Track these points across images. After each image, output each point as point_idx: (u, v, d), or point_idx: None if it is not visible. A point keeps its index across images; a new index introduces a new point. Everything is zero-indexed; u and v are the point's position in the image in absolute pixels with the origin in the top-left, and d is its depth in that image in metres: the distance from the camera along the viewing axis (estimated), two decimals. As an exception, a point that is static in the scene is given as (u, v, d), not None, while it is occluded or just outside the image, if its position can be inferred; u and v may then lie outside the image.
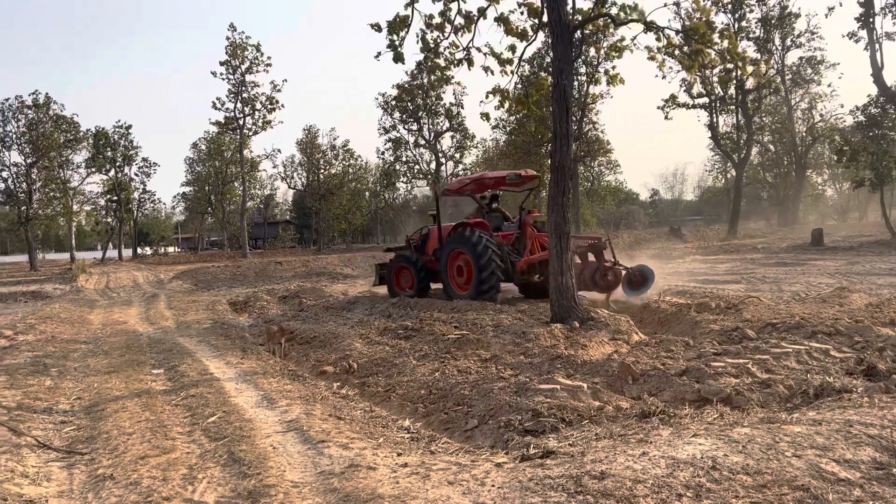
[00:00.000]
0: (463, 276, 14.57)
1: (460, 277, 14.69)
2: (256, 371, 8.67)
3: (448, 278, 15.00)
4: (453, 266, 14.86)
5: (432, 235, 16.40)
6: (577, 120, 43.21)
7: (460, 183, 16.87)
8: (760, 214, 71.10)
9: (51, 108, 48.81)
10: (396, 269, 16.85)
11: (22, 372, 8.80)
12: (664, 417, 5.21)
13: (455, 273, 14.83)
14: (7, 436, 5.82)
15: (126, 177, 60.83)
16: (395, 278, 16.81)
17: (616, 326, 9.63)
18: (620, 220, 72.33)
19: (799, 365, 6.72)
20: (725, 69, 13.50)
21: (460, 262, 14.60)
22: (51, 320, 15.20)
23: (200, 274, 32.38)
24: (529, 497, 3.79)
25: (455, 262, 14.79)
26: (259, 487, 4.34)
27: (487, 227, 14.71)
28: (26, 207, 46.68)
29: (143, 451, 5.30)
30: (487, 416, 5.82)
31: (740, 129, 48.75)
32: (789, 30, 50.57)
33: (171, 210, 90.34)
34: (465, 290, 14.44)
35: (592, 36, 18.06)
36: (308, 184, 66.63)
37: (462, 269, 14.55)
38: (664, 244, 38.56)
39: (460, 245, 14.42)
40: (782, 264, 22.07)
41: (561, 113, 10.38)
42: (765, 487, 3.66)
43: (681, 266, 24.92)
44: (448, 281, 15.01)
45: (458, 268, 14.71)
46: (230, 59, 50.42)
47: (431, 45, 11.55)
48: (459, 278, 14.71)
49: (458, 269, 14.69)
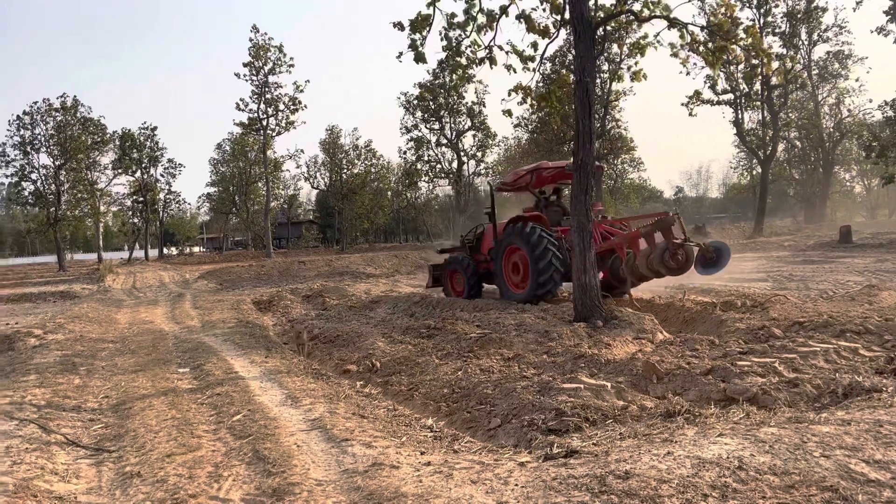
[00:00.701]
0: (519, 273, 13.71)
1: (516, 275, 13.82)
2: (280, 370, 8.73)
3: (503, 277, 14.13)
4: (508, 263, 14.02)
5: (487, 234, 15.64)
6: (600, 117, 42.98)
7: (515, 175, 15.69)
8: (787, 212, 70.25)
9: (78, 110, 49.65)
10: (450, 270, 16.24)
11: (51, 370, 8.95)
12: (689, 417, 5.16)
13: (510, 271, 13.98)
14: (37, 433, 5.92)
15: (152, 178, 61.68)
16: (450, 280, 16.26)
17: (640, 325, 9.56)
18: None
19: (827, 364, 6.62)
20: (750, 65, 13.29)
21: (516, 258, 13.75)
22: (79, 320, 15.43)
23: (225, 274, 32.68)
24: (553, 496, 3.77)
25: (510, 259, 13.95)
26: (283, 485, 4.37)
27: (545, 222, 13.85)
28: (55, 209, 47.49)
29: (170, 449, 5.36)
30: (510, 416, 5.81)
31: (766, 125, 48.12)
32: (816, 24, 49.84)
33: (196, 210, 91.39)
34: (521, 288, 13.59)
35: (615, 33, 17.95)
36: (331, 184, 67.00)
37: (518, 267, 13.71)
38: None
39: (516, 240, 13.54)
40: (809, 262, 21.76)
41: (583, 111, 10.32)
42: (792, 488, 3.61)
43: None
44: (503, 280, 14.15)
45: (513, 265, 13.86)
46: (253, 61, 50.78)
47: (453, 44, 11.54)
48: (515, 276, 13.86)
49: (514, 266, 13.83)
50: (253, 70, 50.92)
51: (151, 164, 61.20)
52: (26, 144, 47.67)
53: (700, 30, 10.94)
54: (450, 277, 16.21)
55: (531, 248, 12.99)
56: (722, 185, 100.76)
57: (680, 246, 11.70)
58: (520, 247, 13.41)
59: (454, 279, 16.11)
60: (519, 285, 13.73)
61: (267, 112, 52.00)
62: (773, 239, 37.68)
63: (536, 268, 12.93)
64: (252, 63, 50.81)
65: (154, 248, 69.26)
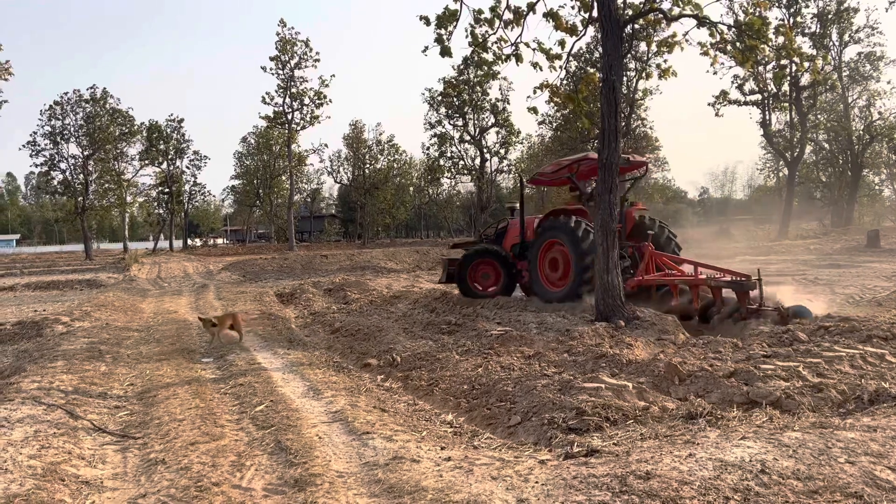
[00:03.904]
0: (557, 270, 13.02)
1: (553, 272, 13.15)
2: (303, 362, 8.81)
3: (538, 273, 13.38)
4: (545, 259, 13.34)
5: (511, 229, 14.91)
6: (626, 116, 42.66)
7: (557, 165, 14.42)
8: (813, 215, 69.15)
9: (107, 101, 50.32)
10: (474, 264, 14.76)
11: (78, 357, 9.10)
12: (711, 419, 5.13)
13: (548, 267, 13.30)
14: (65, 418, 6.02)
15: (178, 169, 62.46)
16: (472, 275, 14.79)
17: (662, 326, 9.51)
18: (668, 218, 70.95)
19: (853, 369, 6.53)
20: (780, 65, 13.10)
21: (555, 253, 13.07)
22: (105, 308, 15.66)
23: (248, 266, 32.96)
24: (573, 495, 3.78)
25: (548, 254, 13.28)
26: (305, 476, 4.41)
27: (588, 216, 12.97)
28: (83, 198, 48.25)
29: (193, 438, 5.44)
30: (530, 413, 5.81)
31: (794, 126, 47.47)
32: (847, 25, 48.99)
33: (220, 202, 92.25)
34: (559, 286, 12.91)
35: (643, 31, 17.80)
36: (353, 178, 67.24)
37: (557, 263, 13.02)
38: (712, 243, 37.84)
39: (558, 234, 12.81)
40: (836, 266, 21.45)
41: (609, 109, 10.28)
42: (816, 493, 3.58)
43: (730, 266, 24.41)
44: (537, 276, 13.38)
45: (551, 261, 13.19)
46: (279, 55, 51.09)
47: (480, 40, 11.53)
48: (553, 273, 13.17)
49: (552, 262, 13.16)
50: (279, 64, 51.23)
51: (177, 155, 62.01)
52: (56, 134, 48.53)
53: (728, 29, 10.84)
54: (472, 272, 14.81)
55: (576, 244, 12.31)
56: (747, 187, 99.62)
57: (754, 312, 10.16)
58: (562, 241, 12.74)
59: (479, 273, 14.83)
60: (556, 283, 13.06)
61: (292, 106, 52.33)
62: (798, 242, 37.19)
63: (581, 264, 12.17)
64: (278, 57, 51.11)
65: (178, 238, 70.06)
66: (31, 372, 7.96)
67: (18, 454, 4.92)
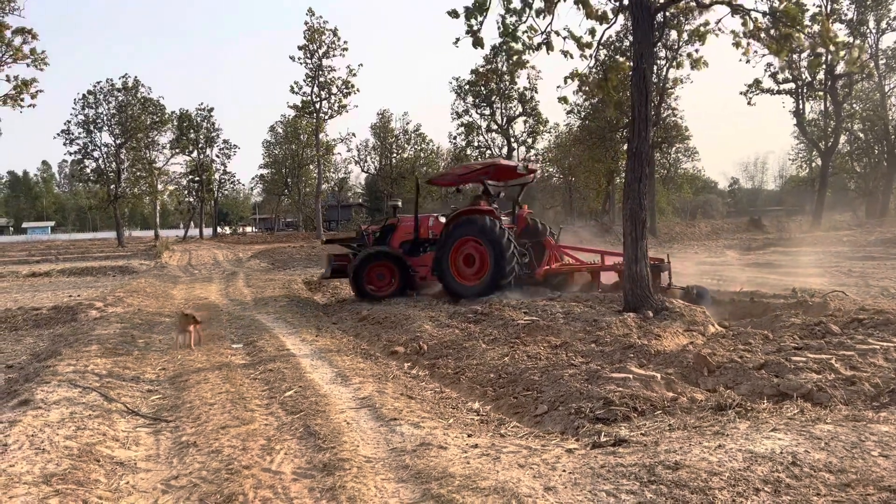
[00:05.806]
0: (472, 266, 13.63)
1: (468, 268, 13.70)
2: (331, 349, 8.89)
3: (449, 269, 13.77)
4: (458, 256, 13.83)
5: (401, 227, 15.34)
6: (656, 105, 42.12)
7: (468, 168, 15.68)
8: (846, 206, 67.82)
9: (139, 90, 50.99)
10: (371, 265, 14.77)
11: (112, 342, 9.28)
12: (741, 411, 5.08)
13: (462, 263, 13.79)
14: (99, 401, 6.16)
15: (208, 158, 63.00)
16: (368, 276, 14.75)
17: (691, 317, 9.41)
18: (697, 208, 70.19)
19: (887, 363, 6.42)
20: (815, 54, 12.83)
21: (469, 250, 13.65)
22: (137, 294, 15.93)
23: (277, 254, 33.28)
24: (601, 484, 3.78)
25: (461, 250, 13.79)
26: (333, 461, 4.46)
27: (499, 217, 13.85)
28: (115, 186, 49.04)
29: (224, 422, 5.53)
30: (557, 403, 5.80)
31: (828, 116, 46.53)
32: (885, 11, 47.80)
33: (249, 191, 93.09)
34: (472, 281, 13.56)
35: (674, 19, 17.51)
36: (380, 167, 67.34)
37: (472, 259, 13.63)
38: (743, 235, 37.35)
39: (472, 232, 13.51)
40: (870, 258, 21.06)
41: (640, 98, 10.17)
42: (848, 487, 3.54)
43: (761, 258, 24.12)
44: (448, 272, 13.76)
45: (465, 257, 13.73)
46: (308, 44, 51.21)
47: (510, 29, 11.44)
48: (467, 269, 13.72)
49: (467, 258, 13.72)
50: (307, 53, 51.37)
51: (207, 144, 62.51)
52: (90, 123, 49.35)
53: (763, 16, 10.63)
54: (369, 273, 14.75)
55: (494, 242, 13.18)
56: (778, 177, 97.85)
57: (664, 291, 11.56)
58: (478, 239, 13.46)
59: (374, 274, 14.79)
60: (470, 278, 13.68)
61: (320, 95, 52.44)
62: (831, 233, 36.55)
63: (500, 261, 13.10)
64: (307, 46, 51.23)
65: (208, 226, 70.80)
66: (67, 356, 8.13)
67: (55, 435, 5.04)
